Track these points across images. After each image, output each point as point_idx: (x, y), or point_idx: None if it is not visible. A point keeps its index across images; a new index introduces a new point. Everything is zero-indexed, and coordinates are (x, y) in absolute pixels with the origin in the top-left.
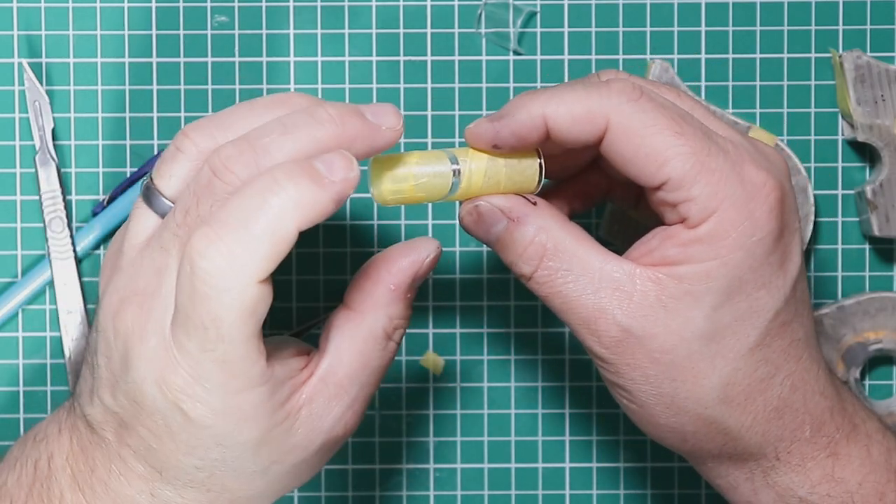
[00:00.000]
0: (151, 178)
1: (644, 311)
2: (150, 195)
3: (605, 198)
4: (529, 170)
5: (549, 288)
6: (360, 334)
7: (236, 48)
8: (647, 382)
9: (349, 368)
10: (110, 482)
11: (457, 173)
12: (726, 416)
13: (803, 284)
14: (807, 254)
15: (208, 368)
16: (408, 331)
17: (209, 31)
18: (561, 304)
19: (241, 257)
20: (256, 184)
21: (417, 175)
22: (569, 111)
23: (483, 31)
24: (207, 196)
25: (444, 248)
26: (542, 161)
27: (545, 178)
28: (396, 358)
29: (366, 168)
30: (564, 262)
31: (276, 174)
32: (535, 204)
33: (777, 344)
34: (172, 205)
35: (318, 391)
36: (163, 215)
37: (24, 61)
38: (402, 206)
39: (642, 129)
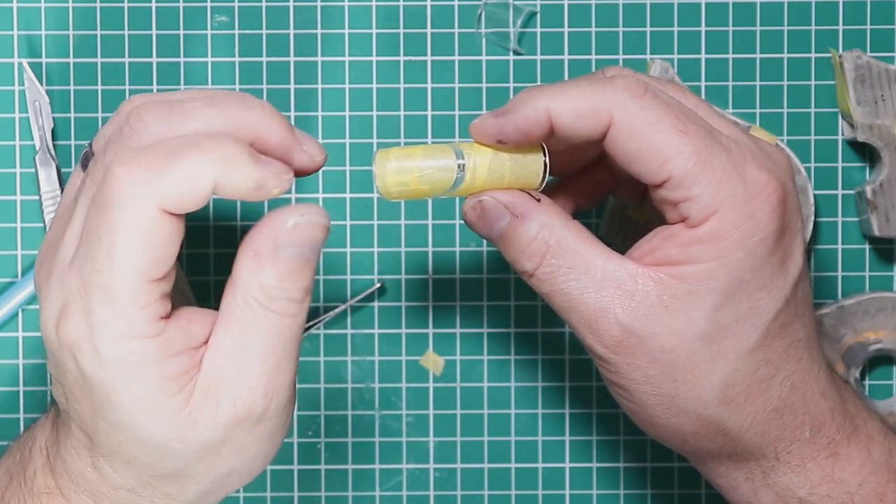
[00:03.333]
0: (91, 145)
1: (645, 310)
2: (87, 161)
3: (611, 194)
4: (534, 166)
5: (551, 286)
6: (235, 301)
7: (236, 48)
8: (648, 382)
9: (232, 337)
10: (67, 457)
11: (461, 167)
12: (726, 417)
13: (805, 285)
14: (807, 254)
15: (95, 299)
16: (407, 331)
17: (209, 31)
18: (562, 303)
19: (155, 176)
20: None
21: (422, 168)
22: (573, 107)
23: (483, 31)
24: (116, 142)
25: (444, 248)
26: (548, 158)
27: (550, 174)
28: (396, 358)
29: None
30: (567, 259)
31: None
32: (538, 200)
33: (777, 345)
34: None
35: (211, 362)
36: None
37: (24, 61)
38: (402, 205)
39: (645, 126)
